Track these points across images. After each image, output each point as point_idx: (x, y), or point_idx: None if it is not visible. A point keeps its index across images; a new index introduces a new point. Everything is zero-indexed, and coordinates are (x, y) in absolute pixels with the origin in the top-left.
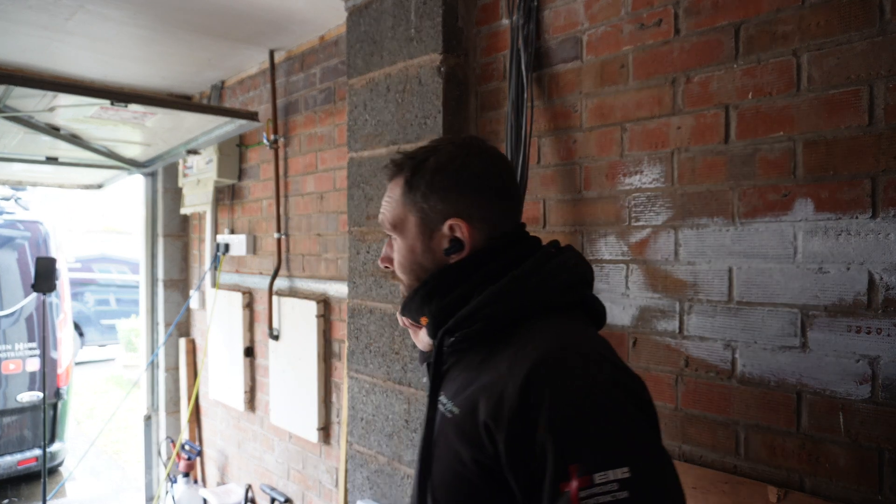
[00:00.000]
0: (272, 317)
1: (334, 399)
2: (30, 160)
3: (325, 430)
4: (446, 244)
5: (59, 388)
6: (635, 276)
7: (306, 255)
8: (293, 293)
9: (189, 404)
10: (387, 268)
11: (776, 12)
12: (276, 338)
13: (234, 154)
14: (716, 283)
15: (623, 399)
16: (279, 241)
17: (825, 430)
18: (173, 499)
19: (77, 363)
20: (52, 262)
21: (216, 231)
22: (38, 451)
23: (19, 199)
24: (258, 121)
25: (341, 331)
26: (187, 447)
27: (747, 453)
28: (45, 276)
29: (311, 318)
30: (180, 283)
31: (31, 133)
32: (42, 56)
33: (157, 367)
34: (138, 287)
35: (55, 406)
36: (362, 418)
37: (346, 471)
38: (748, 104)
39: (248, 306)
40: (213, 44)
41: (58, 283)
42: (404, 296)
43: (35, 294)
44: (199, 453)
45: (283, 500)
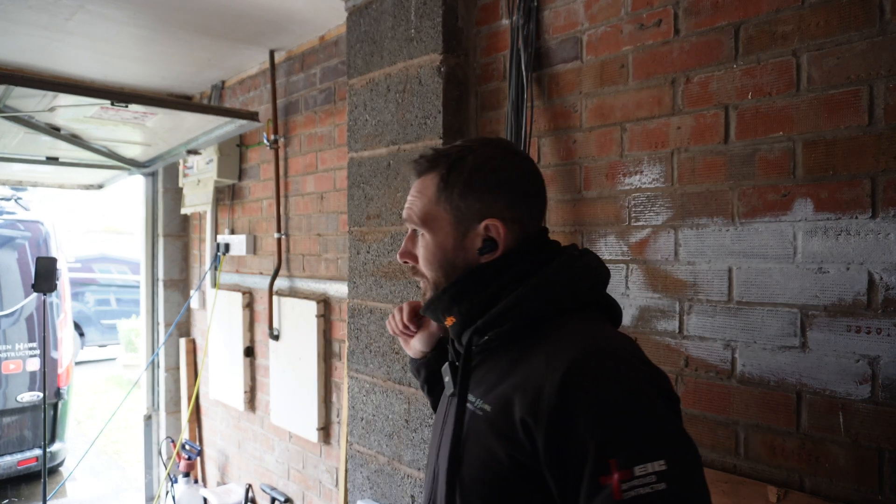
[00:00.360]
0: (272, 317)
1: (334, 399)
2: (30, 160)
3: (326, 430)
4: (480, 243)
5: (59, 388)
6: (635, 276)
7: (306, 255)
8: (293, 293)
9: (189, 404)
10: (405, 262)
11: (776, 12)
12: (277, 338)
13: (235, 154)
14: (715, 283)
15: (654, 394)
16: (279, 241)
17: (825, 429)
18: (173, 499)
19: (77, 363)
20: (53, 262)
21: (216, 231)
22: (38, 451)
23: (19, 199)
24: (258, 121)
25: (341, 331)
26: (187, 447)
27: (747, 453)
28: (45, 276)
29: (312, 318)
30: (180, 283)
31: (31, 133)
32: (42, 56)
33: (158, 366)
34: (138, 287)
35: (55, 406)
36: (362, 418)
37: (347, 471)
38: (748, 104)
39: (249, 306)
40: (213, 44)
41: (58, 283)
42: (427, 293)
43: (35, 294)
44: (200, 453)
45: (283, 500)
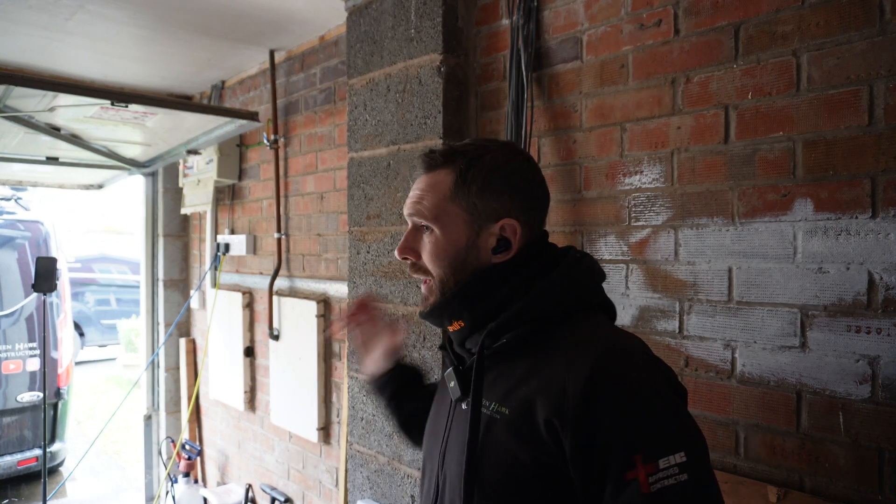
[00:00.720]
0: (272, 317)
1: (334, 399)
2: (30, 160)
3: (326, 430)
4: (494, 243)
5: (59, 388)
6: (635, 276)
7: (306, 255)
8: (293, 293)
9: (189, 404)
10: (405, 259)
11: (776, 12)
12: (277, 338)
13: (235, 154)
14: (715, 283)
15: (669, 389)
16: (279, 241)
17: (825, 429)
18: (173, 499)
19: (77, 363)
20: (53, 262)
21: (216, 231)
22: (38, 451)
23: (19, 199)
24: (258, 121)
25: (341, 331)
26: (187, 447)
27: (747, 453)
28: (45, 276)
29: (312, 318)
30: (180, 283)
31: (31, 133)
32: (42, 56)
33: (158, 366)
34: (138, 287)
35: (55, 406)
36: (362, 418)
37: (347, 471)
38: (748, 104)
39: (249, 306)
40: (213, 44)
41: (58, 283)
42: (432, 296)
43: (35, 294)
44: (200, 453)
45: (283, 500)
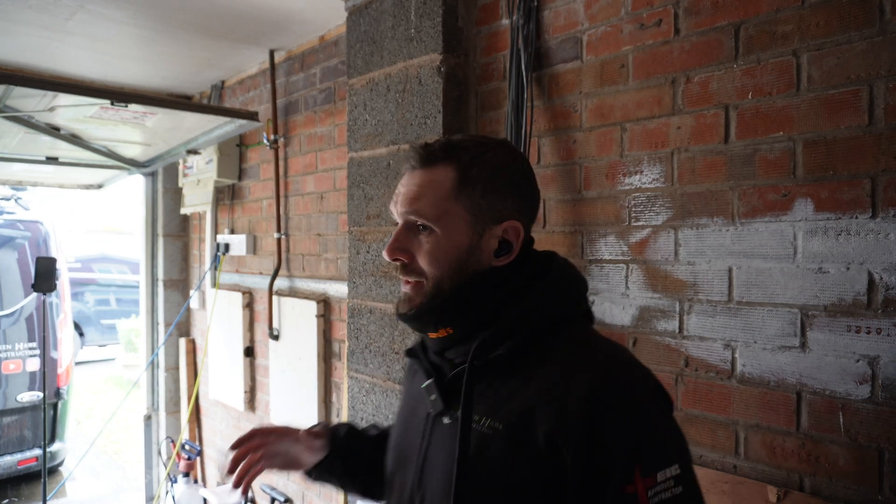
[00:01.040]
0: (272, 317)
1: (334, 399)
2: (30, 160)
3: None
4: (496, 245)
5: (59, 388)
6: (635, 276)
7: (306, 255)
8: (293, 293)
9: (189, 404)
10: (396, 260)
11: (776, 12)
12: (276, 338)
13: (234, 154)
14: (716, 283)
15: (661, 402)
16: (279, 241)
17: (825, 429)
18: (173, 499)
19: (77, 363)
20: (52, 262)
21: (216, 231)
22: (38, 451)
23: (19, 199)
24: (258, 121)
25: (341, 331)
26: (187, 447)
27: (747, 453)
28: (45, 276)
29: (311, 318)
30: (180, 283)
31: (31, 133)
32: (42, 56)
33: (157, 366)
34: (138, 287)
35: (55, 406)
36: (362, 418)
37: None
38: (748, 104)
39: (248, 306)
40: (213, 44)
41: (58, 283)
42: (419, 298)
43: (35, 294)
44: (199, 453)
45: (283, 499)
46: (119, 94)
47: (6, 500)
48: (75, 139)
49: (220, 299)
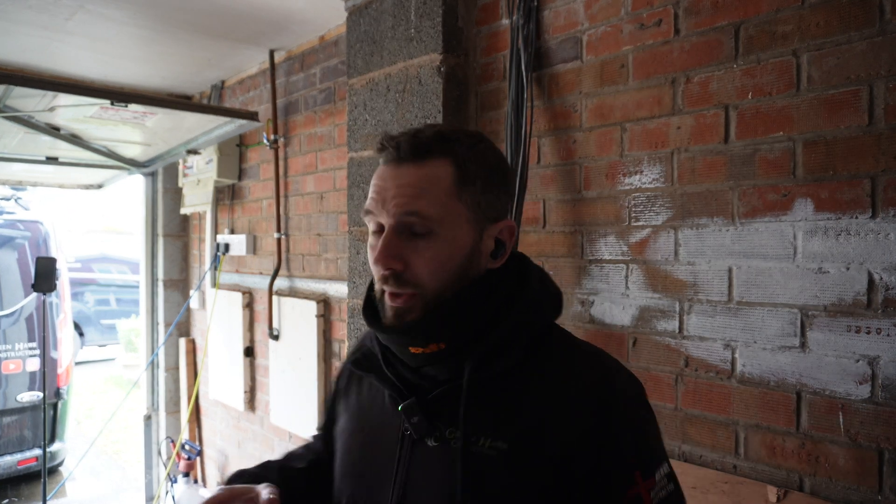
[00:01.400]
0: (272, 317)
1: None
2: (30, 160)
3: None
4: (492, 247)
5: (59, 388)
6: (635, 276)
7: (306, 255)
8: (293, 293)
9: (189, 404)
10: (392, 270)
11: (776, 12)
12: (276, 338)
13: (234, 154)
14: (715, 283)
15: (646, 399)
16: (279, 241)
17: (825, 429)
18: (173, 499)
19: (77, 363)
20: (52, 262)
21: (216, 231)
22: (38, 451)
23: (19, 199)
24: (258, 121)
25: (341, 331)
26: (187, 447)
27: (747, 453)
28: (45, 276)
29: (311, 318)
30: (180, 283)
31: (31, 133)
32: (42, 56)
33: (157, 366)
34: (138, 287)
35: (55, 406)
36: None
37: None
38: (748, 104)
39: (248, 306)
40: (213, 44)
41: (58, 283)
42: (414, 310)
43: (35, 294)
44: (199, 453)
45: None
46: (119, 94)
47: (6, 500)
48: (75, 139)
49: (220, 299)
